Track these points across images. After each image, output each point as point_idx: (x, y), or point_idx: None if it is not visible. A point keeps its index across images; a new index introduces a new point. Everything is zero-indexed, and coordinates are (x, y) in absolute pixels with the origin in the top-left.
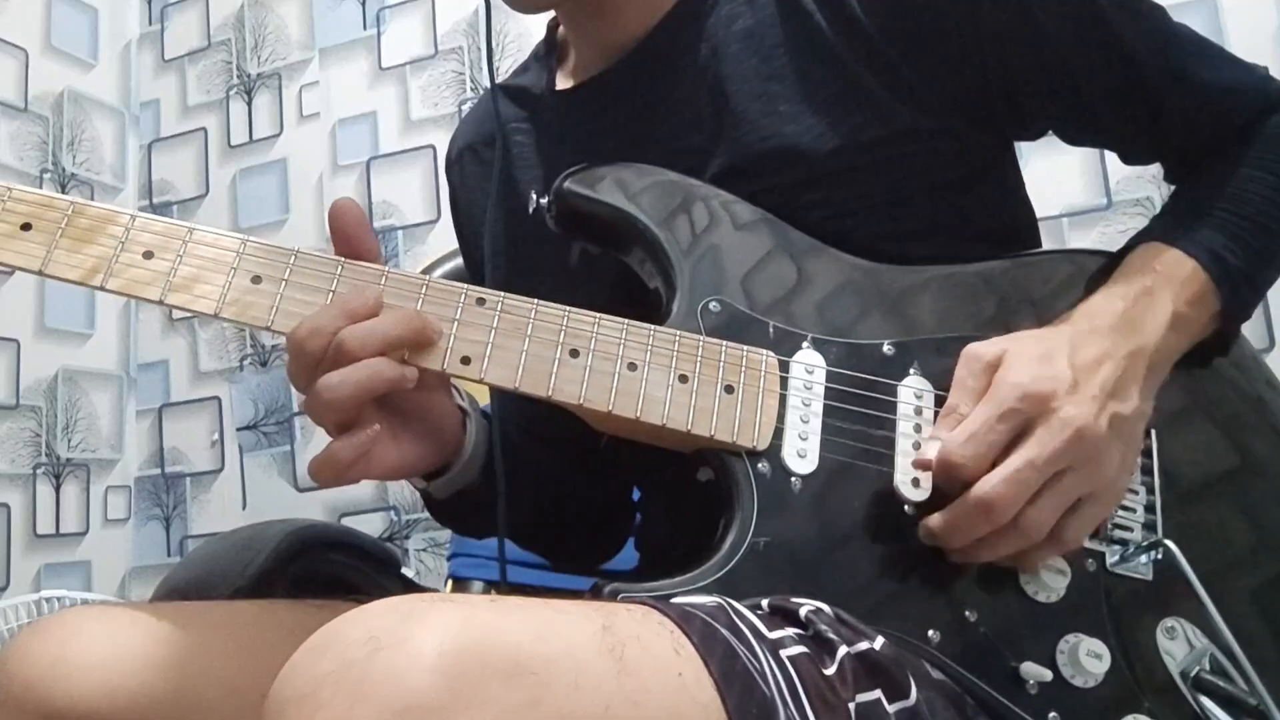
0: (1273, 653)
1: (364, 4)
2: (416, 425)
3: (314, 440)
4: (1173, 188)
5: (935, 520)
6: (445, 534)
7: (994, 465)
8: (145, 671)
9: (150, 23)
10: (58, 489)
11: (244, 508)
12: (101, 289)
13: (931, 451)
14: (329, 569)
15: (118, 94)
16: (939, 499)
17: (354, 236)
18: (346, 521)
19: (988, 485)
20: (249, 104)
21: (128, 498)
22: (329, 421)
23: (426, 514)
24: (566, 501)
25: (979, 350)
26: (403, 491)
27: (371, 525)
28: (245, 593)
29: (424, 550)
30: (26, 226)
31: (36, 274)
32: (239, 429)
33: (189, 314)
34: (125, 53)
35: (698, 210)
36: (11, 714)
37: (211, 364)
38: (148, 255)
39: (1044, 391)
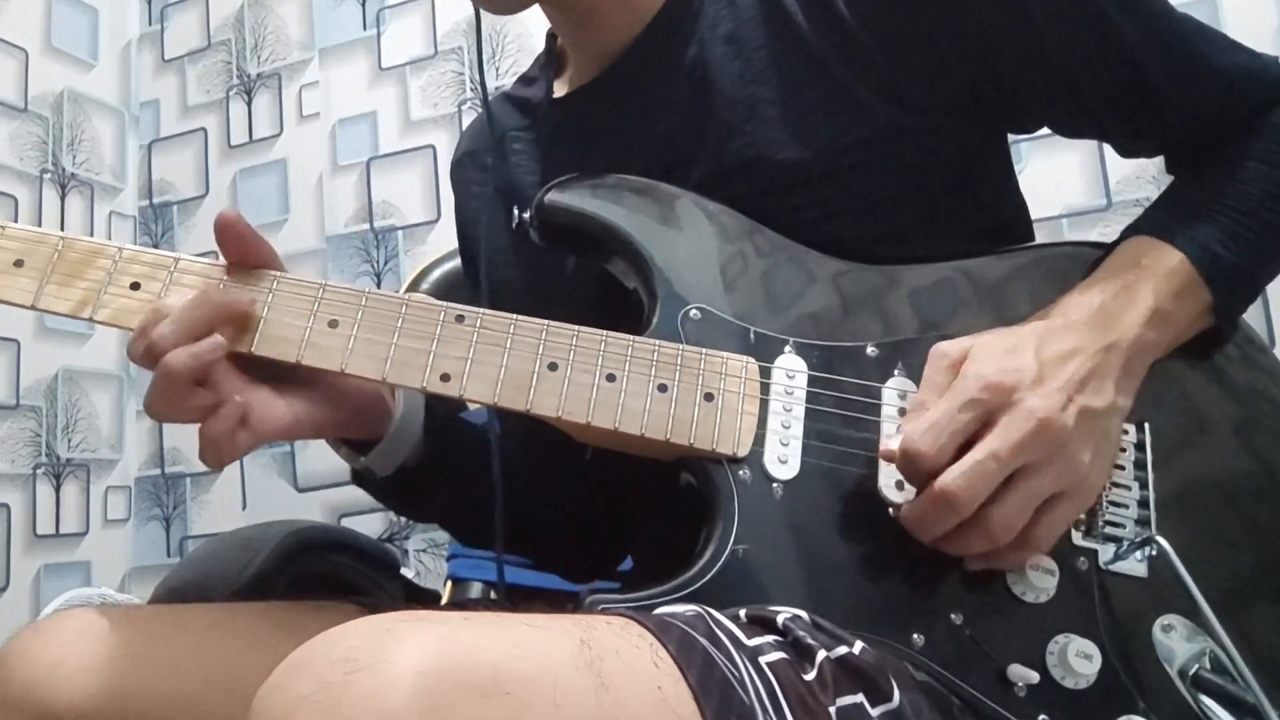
0: None
1: (364, 4)
2: (308, 388)
3: (314, 441)
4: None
5: (904, 511)
6: (445, 535)
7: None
8: (144, 673)
9: (150, 23)
10: (58, 489)
11: (244, 508)
12: (90, 320)
13: (895, 443)
14: (328, 570)
15: (118, 94)
16: None
17: (246, 249)
18: (346, 522)
19: (948, 477)
20: (249, 104)
21: (128, 498)
22: (189, 418)
23: None
24: (556, 508)
25: (945, 348)
26: None
27: (371, 526)
28: (244, 594)
29: (424, 551)
30: (19, 263)
31: (29, 309)
32: None
33: None
34: (125, 53)
35: (680, 219)
36: (11, 715)
37: None
38: (135, 286)
39: (1007, 383)
